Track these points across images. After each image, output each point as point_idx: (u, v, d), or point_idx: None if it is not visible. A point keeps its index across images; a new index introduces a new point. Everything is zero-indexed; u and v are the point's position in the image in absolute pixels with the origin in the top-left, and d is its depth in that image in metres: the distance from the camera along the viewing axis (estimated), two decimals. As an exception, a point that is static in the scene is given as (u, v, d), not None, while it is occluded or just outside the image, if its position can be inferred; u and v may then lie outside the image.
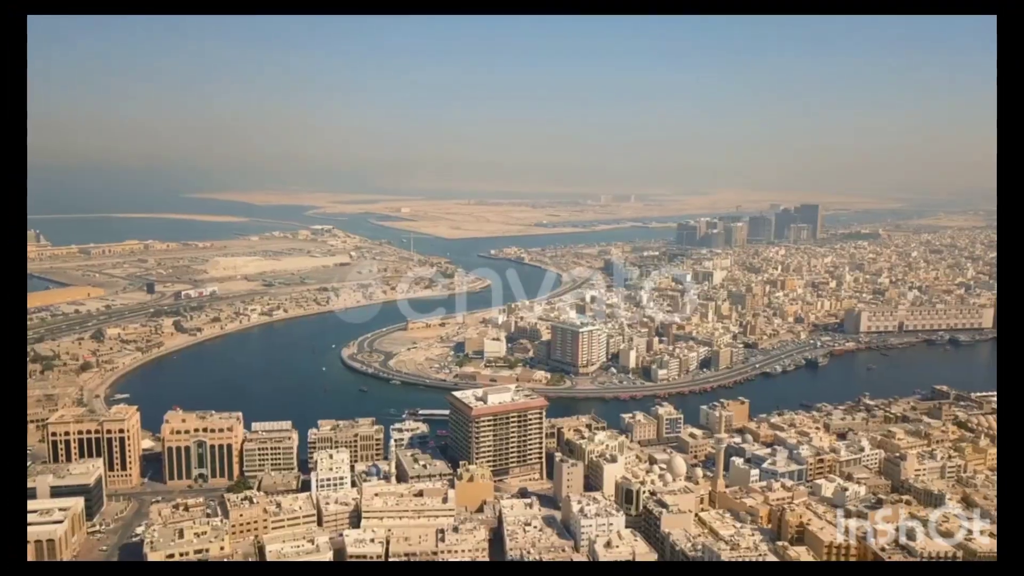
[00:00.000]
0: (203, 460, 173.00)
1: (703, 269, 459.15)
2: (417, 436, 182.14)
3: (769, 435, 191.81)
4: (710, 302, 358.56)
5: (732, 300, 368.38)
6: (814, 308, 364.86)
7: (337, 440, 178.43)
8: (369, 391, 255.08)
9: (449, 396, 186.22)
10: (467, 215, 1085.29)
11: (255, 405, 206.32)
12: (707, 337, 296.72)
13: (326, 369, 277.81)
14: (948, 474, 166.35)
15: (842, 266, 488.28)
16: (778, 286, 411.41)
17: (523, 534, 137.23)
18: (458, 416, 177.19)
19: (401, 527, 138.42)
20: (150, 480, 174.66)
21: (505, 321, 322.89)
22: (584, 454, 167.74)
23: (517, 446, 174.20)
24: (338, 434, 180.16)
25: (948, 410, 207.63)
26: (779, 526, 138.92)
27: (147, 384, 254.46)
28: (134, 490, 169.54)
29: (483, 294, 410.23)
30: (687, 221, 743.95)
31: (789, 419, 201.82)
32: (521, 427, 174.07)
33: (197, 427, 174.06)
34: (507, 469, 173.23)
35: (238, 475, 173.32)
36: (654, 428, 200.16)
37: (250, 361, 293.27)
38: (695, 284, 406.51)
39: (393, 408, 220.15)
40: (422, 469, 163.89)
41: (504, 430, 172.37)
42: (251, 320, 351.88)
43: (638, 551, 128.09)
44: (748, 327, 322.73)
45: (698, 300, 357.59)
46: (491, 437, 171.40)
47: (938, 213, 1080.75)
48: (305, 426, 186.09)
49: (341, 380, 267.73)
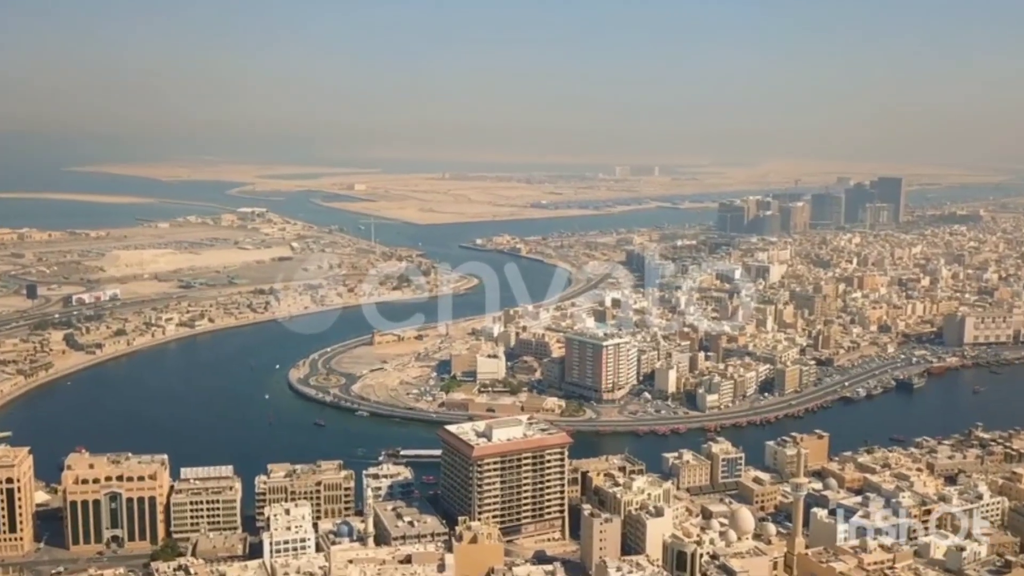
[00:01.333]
0: (117, 518, 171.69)
1: (756, 263, 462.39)
2: (399, 484, 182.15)
3: (857, 479, 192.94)
4: (768, 306, 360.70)
5: (796, 303, 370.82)
6: (903, 313, 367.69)
7: (294, 490, 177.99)
8: (327, 425, 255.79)
9: (441, 432, 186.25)
10: (442, 194, 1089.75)
11: (180, 444, 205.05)
12: (767, 352, 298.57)
13: (269, 396, 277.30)
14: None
15: (936, 258, 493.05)
16: (855, 284, 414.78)
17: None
18: (454, 457, 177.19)
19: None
20: (47, 545, 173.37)
21: (503, 332, 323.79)
22: (619, 506, 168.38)
23: (532, 496, 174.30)
24: (295, 482, 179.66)
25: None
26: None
27: (34, 418, 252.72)
28: (26, 559, 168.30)
29: (470, 297, 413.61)
30: (731, 200, 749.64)
31: (882, 458, 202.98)
32: (537, 471, 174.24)
33: (109, 475, 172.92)
34: (519, 527, 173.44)
35: (164, 537, 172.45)
36: (707, 471, 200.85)
37: (169, 387, 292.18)
38: (748, 282, 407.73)
39: (362, 448, 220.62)
40: (408, 527, 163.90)
41: (515, 475, 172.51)
42: (167, 333, 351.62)
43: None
44: (820, 338, 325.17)
45: (753, 303, 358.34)
46: (498, 485, 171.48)
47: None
48: (249, 472, 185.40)
49: (290, 411, 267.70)
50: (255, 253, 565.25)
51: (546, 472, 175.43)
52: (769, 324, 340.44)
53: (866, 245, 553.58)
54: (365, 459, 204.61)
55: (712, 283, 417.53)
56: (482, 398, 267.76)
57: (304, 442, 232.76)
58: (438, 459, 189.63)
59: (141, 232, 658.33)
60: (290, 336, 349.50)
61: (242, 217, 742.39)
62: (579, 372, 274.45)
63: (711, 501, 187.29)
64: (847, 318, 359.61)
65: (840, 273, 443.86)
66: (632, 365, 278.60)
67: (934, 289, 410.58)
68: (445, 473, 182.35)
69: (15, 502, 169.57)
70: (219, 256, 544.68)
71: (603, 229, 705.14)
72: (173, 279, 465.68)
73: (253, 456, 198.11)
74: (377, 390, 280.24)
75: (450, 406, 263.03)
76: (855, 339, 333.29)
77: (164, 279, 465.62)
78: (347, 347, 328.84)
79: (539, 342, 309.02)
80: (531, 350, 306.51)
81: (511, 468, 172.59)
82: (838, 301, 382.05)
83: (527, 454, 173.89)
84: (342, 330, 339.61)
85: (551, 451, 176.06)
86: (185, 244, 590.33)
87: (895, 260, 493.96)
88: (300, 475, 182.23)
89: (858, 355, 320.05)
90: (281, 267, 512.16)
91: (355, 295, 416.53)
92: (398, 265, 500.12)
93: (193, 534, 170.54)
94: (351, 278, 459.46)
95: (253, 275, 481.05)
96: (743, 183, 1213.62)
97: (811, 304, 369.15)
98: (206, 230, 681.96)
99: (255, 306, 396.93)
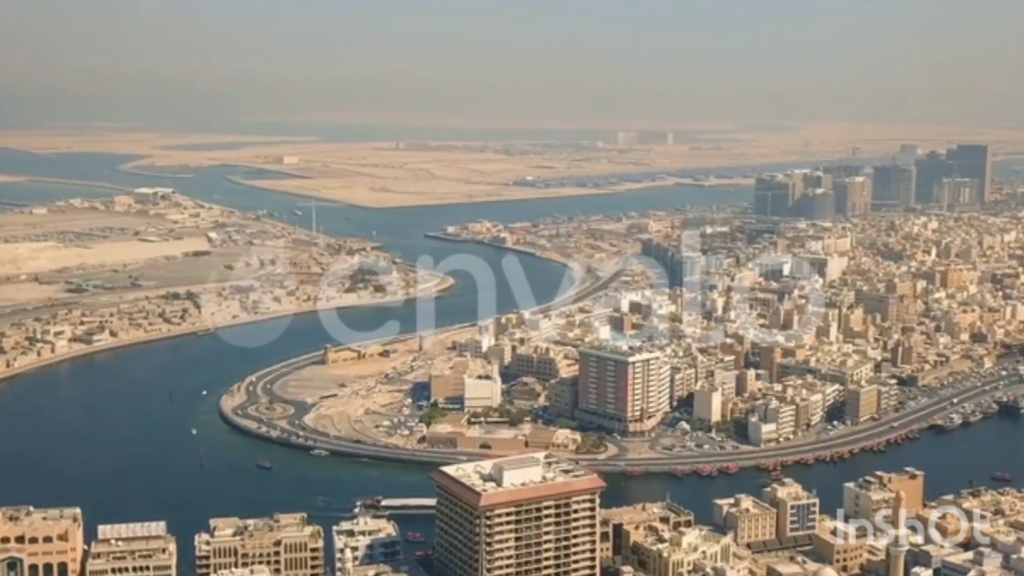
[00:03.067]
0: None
1: (809, 255, 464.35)
2: (380, 543, 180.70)
3: (962, 529, 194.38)
4: (831, 310, 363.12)
5: (866, 306, 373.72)
6: (1001, 318, 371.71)
7: (247, 552, 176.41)
8: (275, 467, 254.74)
9: (436, 475, 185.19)
10: (397, 168, 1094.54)
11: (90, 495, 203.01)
12: (835, 369, 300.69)
13: (197, 431, 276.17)
14: None
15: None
16: (936, 282, 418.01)
17: None
18: (454, 508, 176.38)
19: None
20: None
21: (494, 347, 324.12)
22: (667, 568, 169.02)
23: (555, 556, 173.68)
24: (248, 542, 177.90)
25: None
26: None
27: None
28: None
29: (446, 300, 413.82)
30: (771, 176, 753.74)
31: (992, 502, 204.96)
32: (561, 525, 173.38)
33: (7, 535, 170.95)
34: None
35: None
36: (771, 522, 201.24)
37: (67, 420, 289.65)
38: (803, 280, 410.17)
39: (323, 496, 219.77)
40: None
41: (533, 530, 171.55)
42: (56, 351, 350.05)
43: None
44: (899, 351, 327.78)
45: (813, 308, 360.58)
46: (512, 542, 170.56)
47: None
48: (184, 528, 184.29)
49: (225, 449, 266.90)
50: (162, 246, 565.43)
51: (572, 525, 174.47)
52: (833, 333, 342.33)
53: (946, 232, 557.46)
54: (328, 511, 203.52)
55: (756, 281, 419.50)
56: (474, 431, 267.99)
57: (247, 490, 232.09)
58: (431, 510, 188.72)
59: (11, 220, 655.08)
60: (216, 353, 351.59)
61: (141, 200, 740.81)
62: (598, 397, 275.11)
63: (780, 560, 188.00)
64: (931, 325, 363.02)
65: (917, 267, 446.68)
66: (665, 387, 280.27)
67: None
68: (442, 528, 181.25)
69: None
70: (116, 251, 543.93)
71: (608, 213, 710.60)
72: (59, 280, 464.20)
73: (184, 507, 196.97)
74: (337, 422, 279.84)
75: (433, 441, 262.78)
76: (943, 351, 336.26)
77: (47, 280, 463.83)
78: (292, 367, 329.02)
79: (542, 358, 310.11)
80: (532, 369, 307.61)
81: (528, 521, 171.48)
82: (918, 303, 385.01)
83: (548, 502, 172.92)
84: (286, 345, 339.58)
85: (579, 498, 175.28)
86: (71, 235, 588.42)
87: (984, 251, 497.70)
88: (253, 533, 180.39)
89: (948, 372, 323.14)
90: (197, 264, 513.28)
91: (299, 300, 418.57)
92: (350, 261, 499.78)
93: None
94: (291, 278, 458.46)
95: (162, 275, 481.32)
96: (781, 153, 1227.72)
97: (884, 307, 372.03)
98: (96, 217, 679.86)
99: (169, 315, 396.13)
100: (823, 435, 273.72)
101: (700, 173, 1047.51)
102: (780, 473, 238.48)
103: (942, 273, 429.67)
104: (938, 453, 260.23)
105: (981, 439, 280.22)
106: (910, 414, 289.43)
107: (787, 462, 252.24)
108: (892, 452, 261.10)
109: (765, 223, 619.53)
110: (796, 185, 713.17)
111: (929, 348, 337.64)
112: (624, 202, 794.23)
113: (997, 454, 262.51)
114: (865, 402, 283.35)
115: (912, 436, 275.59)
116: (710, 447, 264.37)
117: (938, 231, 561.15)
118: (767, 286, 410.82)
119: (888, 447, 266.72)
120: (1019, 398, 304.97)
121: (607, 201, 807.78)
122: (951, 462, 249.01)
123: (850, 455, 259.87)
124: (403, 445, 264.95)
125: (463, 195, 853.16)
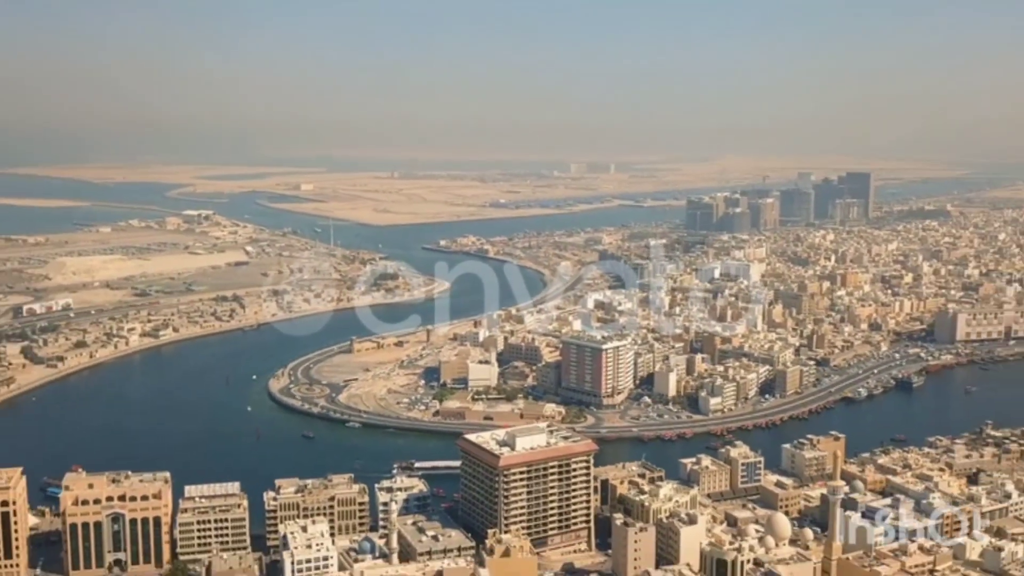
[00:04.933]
0: (120, 540, 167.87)
1: (735, 261, 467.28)
2: (415, 497, 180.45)
3: (879, 480, 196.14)
4: (754, 305, 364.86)
5: (783, 303, 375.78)
6: (891, 311, 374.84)
7: (307, 506, 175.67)
8: (317, 437, 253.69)
9: (461, 441, 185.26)
10: (394, 193, 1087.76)
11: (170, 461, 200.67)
12: (764, 353, 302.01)
13: (252, 409, 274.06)
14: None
15: (914, 254, 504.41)
16: (838, 282, 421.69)
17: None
18: (476, 468, 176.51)
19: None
20: (44, 571, 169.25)
21: (489, 337, 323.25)
22: (648, 515, 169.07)
23: (558, 506, 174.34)
24: (307, 498, 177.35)
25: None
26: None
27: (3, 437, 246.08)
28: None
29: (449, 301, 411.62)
30: (699, 198, 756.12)
31: (901, 458, 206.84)
32: (563, 481, 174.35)
33: (110, 495, 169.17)
34: (545, 538, 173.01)
35: (170, 559, 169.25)
36: (726, 476, 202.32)
37: (145, 400, 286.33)
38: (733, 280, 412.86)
39: (359, 460, 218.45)
40: (433, 542, 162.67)
41: (541, 485, 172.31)
42: (130, 344, 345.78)
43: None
44: (813, 338, 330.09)
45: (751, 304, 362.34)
46: (524, 495, 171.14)
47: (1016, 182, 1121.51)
48: (251, 488, 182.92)
49: (275, 423, 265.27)
50: (208, 258, 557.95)
51: (572, 481, 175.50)
52: (759, 324, 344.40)
53: (841, 242, 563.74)
54: (365, 472, 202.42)
55: (694, 283, 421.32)
56: (478, 406, 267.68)
57: (295, 456, 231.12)
58: (455, 471, 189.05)
59: (82, 237, 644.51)
60: (261, 345, 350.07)
61: (188, 220, 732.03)
62: (577, 377, 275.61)
63: (734, 507, 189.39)
64: (836, 317, 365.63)
65: (821, 271, 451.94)
66: (630, 368, 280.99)
67: (918, 286, 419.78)
68: (466, 484, 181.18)
69: (10, 526, 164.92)
70: (171, 262, 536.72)
71: (568, 229, 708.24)
72: (126, 287, 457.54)
73: (248, 470, 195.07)
74: (365, 400, 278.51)
75: (446, 415, 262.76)
76: (848, 338, 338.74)
77: (116, 287, 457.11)
78: (325, 355, 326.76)
79: (529, 347, 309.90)
80: (521, 355, 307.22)
81: (537, 478, 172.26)
82: (824, 300, 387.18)
83: (553, 463, 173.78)
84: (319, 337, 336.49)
85: (577, 459, 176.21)
86: (132, 250, 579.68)
87: (873, 257, 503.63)
88: (312, 490, 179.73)
89: (852, 354, 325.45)
90: (238, 272, 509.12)
91: (328, 300, 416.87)
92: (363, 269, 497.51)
93: (201, 555, 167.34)
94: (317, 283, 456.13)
95: (210, 281, 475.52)
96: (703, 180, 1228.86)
97: (798, 303, 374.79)
98: (151, 234, 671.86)
99: (219, 314, 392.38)
100: (758, 406, 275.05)
101: (639, 196, 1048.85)
102: (721, 438, 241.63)
103: (842, 275, 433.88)
104: (850, 420, 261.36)
105: (882, 408, 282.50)
106: (826, 389, 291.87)
107: (731, 428, 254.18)
108: (814, 419, 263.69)
109: (696, 236, 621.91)
110: (719, 205, 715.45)
111: (836, 336, 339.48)
112: (579, 220, 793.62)
113: (895, 420, 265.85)
114: (790, 379, 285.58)
115: (828, 406, 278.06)
116: (669, 417, 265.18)
117: (835, 241, 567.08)
118: (702, 286, 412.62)
119: (810, 415, 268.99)
120: (911, 375, 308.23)
121: (566, 219, 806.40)
122: (861, 427, 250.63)
123: (780, 422, 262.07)
124: (421, 418, 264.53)
125: (450, 215, 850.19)
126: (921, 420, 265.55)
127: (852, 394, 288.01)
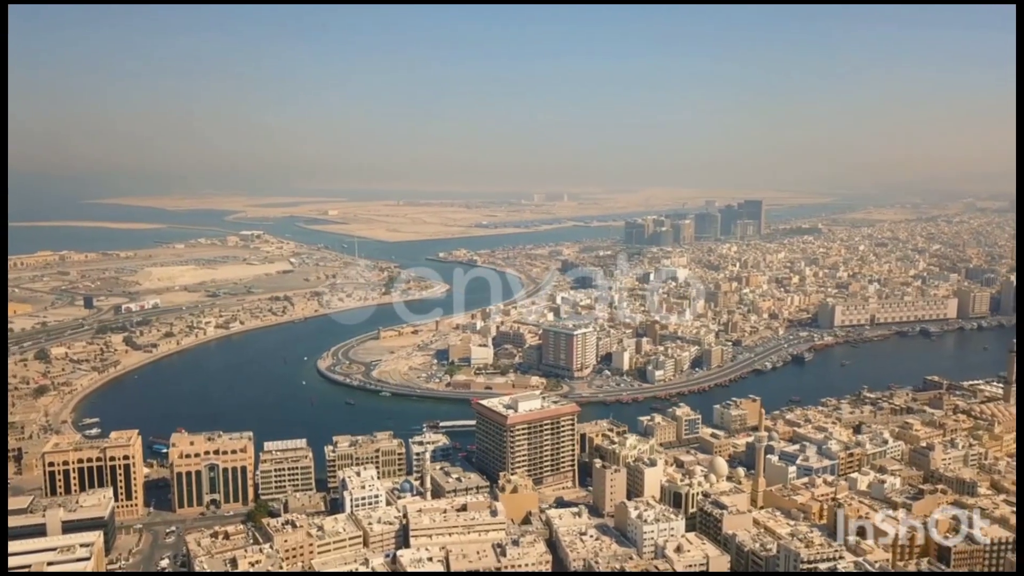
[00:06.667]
0: (215, 484, 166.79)
1: (665, 268, 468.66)
2: (439, 449, 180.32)
3: (787, 431, 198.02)
4: (684, 300, 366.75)
5: (704, 298, 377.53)
6: (785, 304, 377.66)
7: (358, 456, 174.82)
8: (357, 404, 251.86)
9: (475, 405, 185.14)
10: (401, 216, 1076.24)
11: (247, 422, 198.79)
12: (694, 336, 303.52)
13: (306, 383, 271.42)
14: (971, 462, 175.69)
15: (797, 261, 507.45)
16: (743, 283, 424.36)
17: (582, 544, 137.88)
18: (488, 425, 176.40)
19: (456, 544, 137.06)
20: (156, 508, 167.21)
21: (484, 326, 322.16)
22: (619, 460, 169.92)
23: (551, 454, 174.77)
24: (358, 450, 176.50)
25: (948, 400, 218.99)
26: (834, 522, 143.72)
27: (114, 406, 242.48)
28: (141, 520, 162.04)
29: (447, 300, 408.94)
30: (634, 219, 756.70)
31: (802, 415, 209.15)
32: (554, 435, 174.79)
33: (208, 449, 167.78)
34: (541, 478, 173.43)
35: (254, 499, 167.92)
36: (674, 430, 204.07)
37: (220, 377, 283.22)
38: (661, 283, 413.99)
39: (391, 420, 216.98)
40: (457, 483, 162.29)
41: (538, 438, 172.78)
42: (207, 334, 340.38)
43: (709, 554, 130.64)
44: (728, 325, 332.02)
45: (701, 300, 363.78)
46: (525, 446, 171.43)
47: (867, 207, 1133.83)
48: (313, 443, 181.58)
49: (324, 393, 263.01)
50: (261, 267, 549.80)
51: (561, 435, 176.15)
52: (687, 315, 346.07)
53: (743, 252, 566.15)
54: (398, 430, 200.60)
55: (635, 284, 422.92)
56: (480, 379, 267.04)
57: (341, 418, 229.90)
58: (470, 427, 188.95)
59: (163, 252, 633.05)
60: (309, 334, 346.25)
61: (244, 238, 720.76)
62: (554, 356, 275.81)
63: (680, 453, 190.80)
64: (744, 309, 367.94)
65: (729, 274, 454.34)
66: (593, 349, 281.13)
67: (803, 285, 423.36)
68: (480, 438, 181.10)
69: (131, 475, 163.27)
70: (233, 270, 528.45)
71: (536, 243, 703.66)
72: (200, 290, 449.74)
73: (309, 429, 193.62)
74: (393, 375, 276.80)
75: (455, 386, 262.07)
76: (754, 325, 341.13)
77: (193, 290, 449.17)
78: (359, 341, 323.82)
79: (515, 333, 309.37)
80: (509, 339, 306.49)
81: (535, 432, 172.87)
82: (734, 296, 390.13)
83: (547, 421, 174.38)
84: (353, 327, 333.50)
85: (564, 418, 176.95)
86: (202, 261, 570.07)
87: (768, 263, 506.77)
88: (361, 444, 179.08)
89: (758, 337, 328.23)
90: (286, 278, 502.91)
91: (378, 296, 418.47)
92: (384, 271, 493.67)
93: (279, 495, 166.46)
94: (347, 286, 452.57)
95: (265, 285, 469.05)
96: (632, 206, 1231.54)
97: (715, 299, 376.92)
98: (216, 249, 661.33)
99: (275, 310, 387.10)
100: (691, 377, 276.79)
101: (587, 218, 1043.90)
102: (665, 401, 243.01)
103: (746, 278, 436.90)
104: (760, 386, 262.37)
105: (783, 377, 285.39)
106: (741, 363, 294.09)
107: (672, 394, 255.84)
108: (733, 386, 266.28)
109: (633, 249, 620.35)
110: (648, 225, 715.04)
111: (745, 323, 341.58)
112: (543, 236, 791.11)
113: (793, 385, 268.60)
114: (714, 356, 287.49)
115: (743, 376, 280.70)
116: (624, 386, 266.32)
117: (738, 252, 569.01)
118: (641, 287, 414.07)
119: (730, 383, 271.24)
120: (803, 352, 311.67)
121: (533, 236, 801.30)
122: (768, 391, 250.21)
123: (709, 388, 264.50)
124: (436, 388, 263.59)
125: (445, 233, 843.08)
126: (812, 385, 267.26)
127: (760, 367, 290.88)
